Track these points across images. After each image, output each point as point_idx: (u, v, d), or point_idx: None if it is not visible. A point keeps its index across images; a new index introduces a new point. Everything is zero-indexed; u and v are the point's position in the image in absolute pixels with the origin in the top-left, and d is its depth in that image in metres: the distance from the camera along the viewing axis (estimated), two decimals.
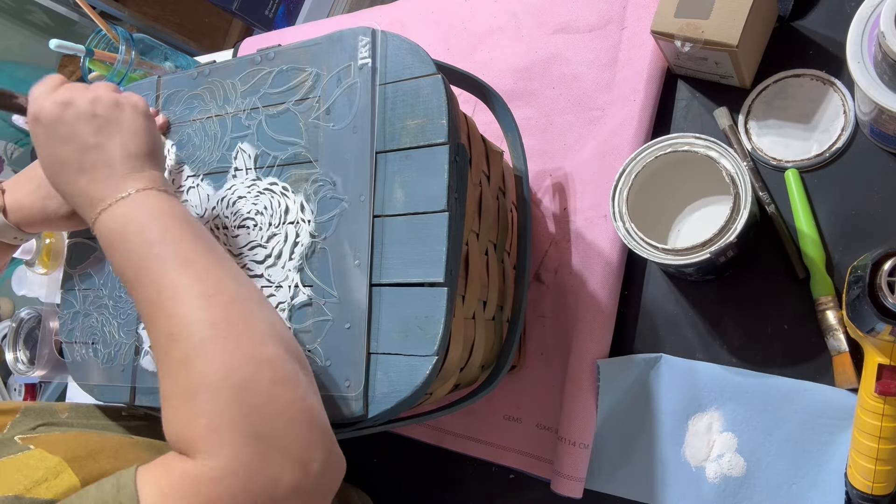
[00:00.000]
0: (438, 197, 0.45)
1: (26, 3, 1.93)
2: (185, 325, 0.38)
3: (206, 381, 0.37)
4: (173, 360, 0.38)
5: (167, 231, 0.42)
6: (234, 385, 0.36)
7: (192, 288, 0.40)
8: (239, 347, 0.38)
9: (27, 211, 0.55)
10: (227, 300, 0.40)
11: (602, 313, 0.60)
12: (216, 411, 0.36)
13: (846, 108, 0.55)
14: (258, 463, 0.35)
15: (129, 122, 0.47)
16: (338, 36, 0.51)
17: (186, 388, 0.37)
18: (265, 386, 0.37)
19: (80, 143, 0.45)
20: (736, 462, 0.55)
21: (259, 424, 0.36)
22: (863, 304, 0.44)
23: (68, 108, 0.46)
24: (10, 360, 0.99)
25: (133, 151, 0.46)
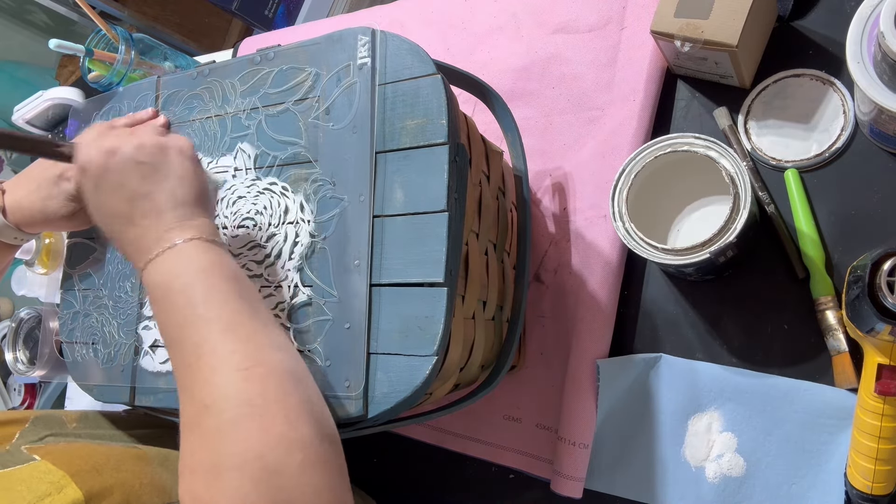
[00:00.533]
0: (438, 197, 0.45)
1: (26, 3, 1.93)
2: (220, 397, 0.37)
3: (235, 461, 0.35)
4: (205, 430, 0.37)
5: (212, 290, 0.41)
6: (263, 467, 0.35)
7: (231, 357, 0.39)
8: (272, 427, 0.37)
9: (27, 211, 0.54)
10: (266, 373, 0.39)
11: (602, 313, 0.60)
12: (242, 493, 0.35)
13: (846, 108, 0.55)
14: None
15: (175, 167, 0.46)
16: (337, 36, 0.51)
17: (213, 463, 0.36)
18: (294, 469, 0.36)
19: (128, 193, 0.45)
20: (736, 462, 0.55)
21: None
22: (862, 304, 0.44)
23: (114, 157, 0.45)
24: (9, 360, 0.99)
25: (181, 198, 0.45)
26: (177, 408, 0.53)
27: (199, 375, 0.39)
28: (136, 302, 0.57)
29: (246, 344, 0.40)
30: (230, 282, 0.42)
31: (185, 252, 0.43)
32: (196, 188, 0.46)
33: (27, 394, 1.09)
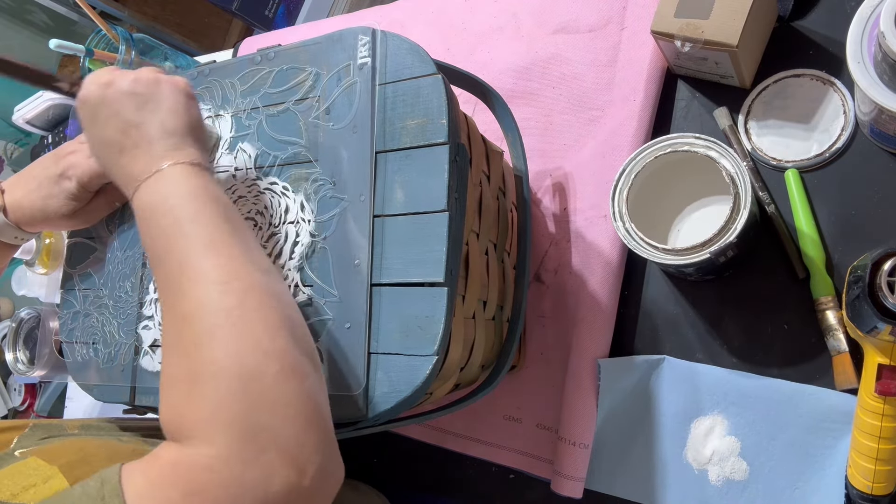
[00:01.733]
0: (438, 197, 0.45)
1: (26, 3, 1.93)
2: (199, 308, 0.38)
3: (213, 367, 0.36)
4: (183, 341, 0.38)
5: (197, 211, 0.42)
6: (238, 375, 0.36)
7: (211, 271, 0.39)
8: (248, 337, 0.37)
9: (27, 210, 0.55)
10: (245, 287, 0.39)
11: (602, 313, 0.60)
12: (218, 398, 0.35)
13: (846, 108, 0.55)
14: (253, 456, 0.34)
15: (168, 99, 0.47)
16: (337, 35, 0.51)
17: (191, 372, 0.37)
18: (271, 378, 0.36)
19: (122, 122, 0.46)
20: (739, 466, 0.55)
21: (258, 417, 0.35)
22: (863, 304, 0.44)
23: (109, 88, 0.47)
24: (10, 360, 0.99)
25: (171, 128, 0.46)
26: None
27: (180, 290, 0.39)
28: (136, 301, 0.57)
29: (227, 260, 0.40)
30: (215, 204, 0.43)
31: (172, 176, 0.44)
32: (187, 120, 0.48)
33: (27, 394, 1.09)
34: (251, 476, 0.33)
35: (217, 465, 0.33)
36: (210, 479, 0.33)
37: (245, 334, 0.37)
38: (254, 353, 0.37)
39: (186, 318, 0.38)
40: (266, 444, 0.34)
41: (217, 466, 0.33)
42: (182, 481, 0.33)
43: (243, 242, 0.42)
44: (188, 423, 0.35)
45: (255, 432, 0.35)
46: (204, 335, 0.37)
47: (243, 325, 0.37)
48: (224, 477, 0.33)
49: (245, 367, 0.36)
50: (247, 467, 0.34)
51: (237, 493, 0.33)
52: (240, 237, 0.43)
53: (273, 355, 0.37)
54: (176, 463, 0.34)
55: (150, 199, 0.43)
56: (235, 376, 0.36)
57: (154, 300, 0.56)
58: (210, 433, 0.34)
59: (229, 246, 0.41)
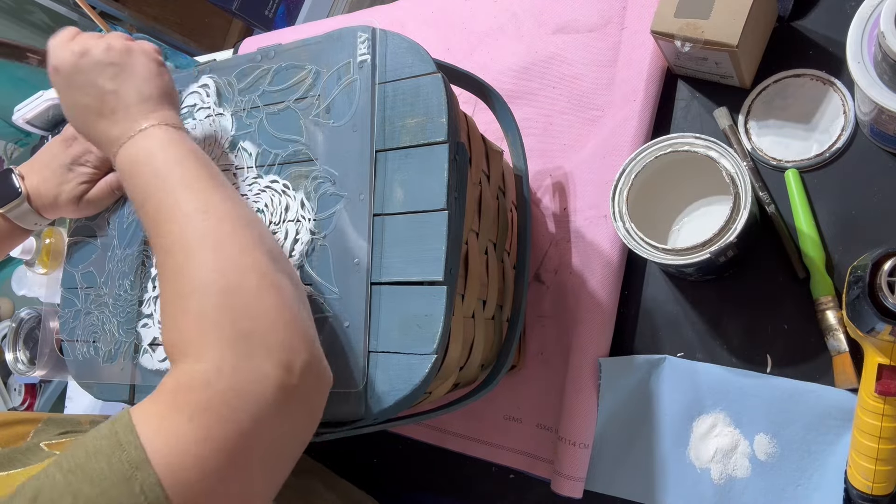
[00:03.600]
0: (438, 196, 0.45)
1: (26, 3, 1.93)
2: (179, 237, 0.41)
3: (195, 285, 0.38)
4: (168, 271, 0.41)
5: (175, 158, 0.45)
6: (220, 289, 0.38)
7: (188, 204, 0.42)
8: (227, 255, 0.40)
9: (45, 198, 0.57)
10: (220, 216, 0.42)
11: (602, 313, 0.60)
12: (202, 314, 0.37)
13: (846, 108, 0.55)
14: (242, 362, 0.36)
15: (141, 67, 0.50)
16: (337, 34, 0.51)
17: (178, 294, 0.39)
18: (251, 290, 0.38)
19: (98, 90, 0.48)
20: (741, 463, 0.55)
21: (242, 325, 0.37)
22: (863, 304, 0.44)
23: (84, 58, 0.49)
24: (10, 360, 0.99)
25: (147, 94, 0.49)
26: None
27: (162, 225, 0.42)
28: (136, 300, 0.57)
29: (204, 194, 0.43)
30: (192, 153, 0.46)
31: (150, 134, 0.47)
32: (159, 86, 0.50)
33: (27, 394, 1.09)
34: (244, 382, 0.35)
35: (212, 379, 0.35)
36: (209, 394, 0.35)
37: (223, 253, 0.40)
38: (233, 269, 0.39)
39: (169, 249, 0.41)
40: (253, 350, 0.36)
41: (212, 380, 0.35)
42: (185, 404, 0.34)
43: (218, 181, 0.45)
44: (180, 342, 0.38)
45: (241, 340, 0.37)
46: (185, 259, 0.40)
47: (221, 246, 0.40)
48: (221, 388, 0.35)
49: (225, 281, 0.38)
50: (239, 375, 0.35)
51: (237, 401, 0.35)
52: (214, 179, 0.45)
53: (251, 269, 0.39)
54: (176, 388, 0.36)
55: (131, 156, 0.46)
56: (217, 291, 0.38)
57: (153, 298, 0.56)
58: (200, 348, 0.36)
59: (204, 181, 0.44)
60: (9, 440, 0.49)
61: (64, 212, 0.59)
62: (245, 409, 0.35)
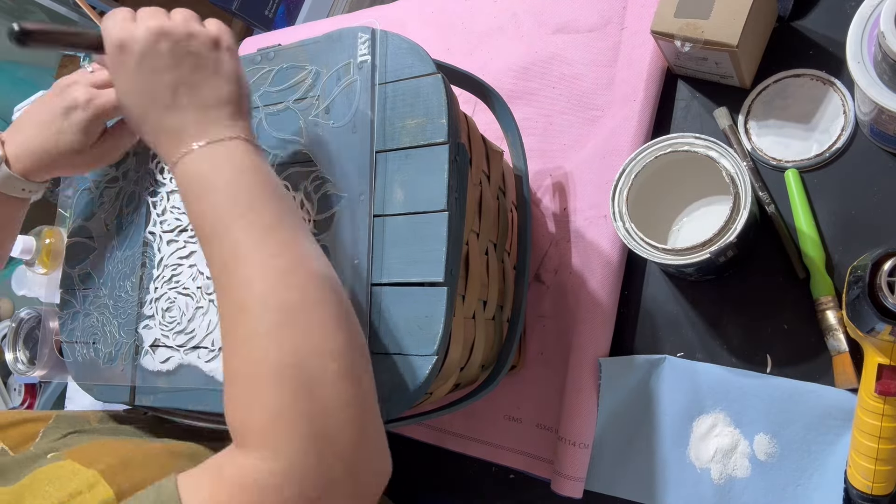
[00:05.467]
0: (438, 196, 0.45)
1: (26, 3, 1.93)
2: (257, 301, 0.37)
3: (271, 370, 0.35)
4: (239, 334, 0.37)
5: (253, 191, 0.40)
6: (298, 376, 0.35)
7: (271, 260, 0.38)
8: (310, 336, 0.36)
9: (36, 154, 0.51)
10: (304, 280, 0.38)
11: (602, 313, 0.60)
12: (278, 403, 0.35)
13: (846, 108, 0.55)
14: (317, 466, 0.34)
15: (226, 65, 0.44)
16: (337, 35, 0.51)
17: (250, 372, 0.36)
18: (330, 380, 0.36)
19: (175, 79, 0.42)
20: (741, 463, 0.55)
21: (321, 422, 0.35)
22: (863, 304, 0.44)
23: (163, 40, 0.43)
24: (10, 360, 0.99)
25: (227, 97, 0.44)
26: (177, 408, 0.53)
27: (237, 276, 0.38)
28: (137, 301, 0.56)
29: (286, 247, 0.39)
30: (271, 185, 0.41)
31: (228, 149, 0.42)
32: (242, 90, 0.45)
33: (27, 394, 1.09)
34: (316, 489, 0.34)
35: (284, 484, 0.33)
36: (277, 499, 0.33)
37: (307, 333, 0.36)
38: (314, 355, 0.36)
39: (245, 309, 0.37)
40: (327, 454, 0.34)
41: (284, 485, 0.33)
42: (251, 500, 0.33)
43: (299, 227, 0.41)
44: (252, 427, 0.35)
45: (317, 440, 0.34)
46: (263, 331, 0.36)
47: (303, 323, 0.37)
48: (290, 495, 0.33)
49: (307, 369, 0.35)
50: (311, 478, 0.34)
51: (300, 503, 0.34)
52: (295, 221, 0.41)
53: (331, 356, 0.36)
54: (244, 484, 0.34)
55: (202, 170, 0.41)
56: (294, 378, 0.35)
57: (154, 300, 0.56)
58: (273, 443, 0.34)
59: (288, 231, 0.40)
60: (19, 441, 0.48)
61: (63, 168, 0.52)
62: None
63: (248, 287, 0.37)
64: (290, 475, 0.34)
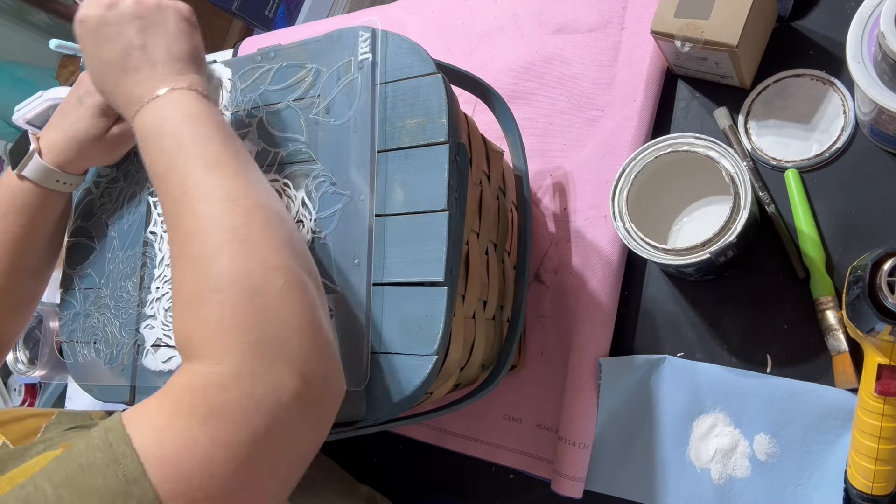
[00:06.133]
0: (439, 196, 0.45)
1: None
2: (206, 225, 0.38)
3: (219, 283, 0.36)
4: (189, 257, 0.38)
5: (200, 131, 0.42)
6: (245, 289, 0.36)
7: (217, 189, 0.40)
8: (255, 253, 0.38)
9: (62, 146, 0.54)
10: (251, 206, 0.40)
11: (602, 313, 0.60)
12: (225, 314, 0.36)
13: (846, 108, 0.55)
14: (263, 369, 0.35)
15: (172, 24, 0.48)
16: (337, 34, 0.51)
17: (198, 289, 0.37)
18: (276, 292, 0.37)
19: (124, 43, 0.46)
20: (741, 463, 0.55)
21: (266, 330, 0.36)
22: (863, 304, 0.44)
23: (112, 9, 0.47)
24: (10, 360, 0.99)
25: (176, 53, 0.47)
26: None
27: (185, 206, 0.40)
28: (138, 301, 0.56)
29: (232, 179, 0.41)
30: (218, 127, 0.44)
31: (175, 99, 0.44)
32: (190, 46, 0.48)
33: (27, 394, 1.09)
34: (262, 389, 0.34)
35: (230, 383, 0.34)
36: (225, 398, 0.34)
37: (251, 251, 0.38)
38: (259, 269, 0.37)
39: (192, 234, 0.39)
40: (273, 357, 0.35)
41: (230, 384, 0.34)
42: (198, 405, 0.33)
43: (246, 163, 0.43)
44: (197, 340, 0.36)
45: (262, 345, 0.35)
46: (210, 251, 0.38)
47: (249, 242, 0.38)
48: (237, 393, 0.34)
49: (251, 282, 0.36)
50: (257, 381, 0.34)
51: (251, 407, 0.34)
52: (242, 158, 0.43)
53: (277, 270, 0.38)
54: (190, 387, 0.34)
55: (153, 119, 0.44)
56: (241, 291, 0.36)
57: (156, 299, 0.56)
58: (219, 350, 0.35)
59: (233, 165, 0.42)
60: (20, 436, 0.48)
61: (89, 156, 0.55)
62: (259, 416, 0.34)
63: (195, 214, 0.39)
64: (235, 375, 0.34)
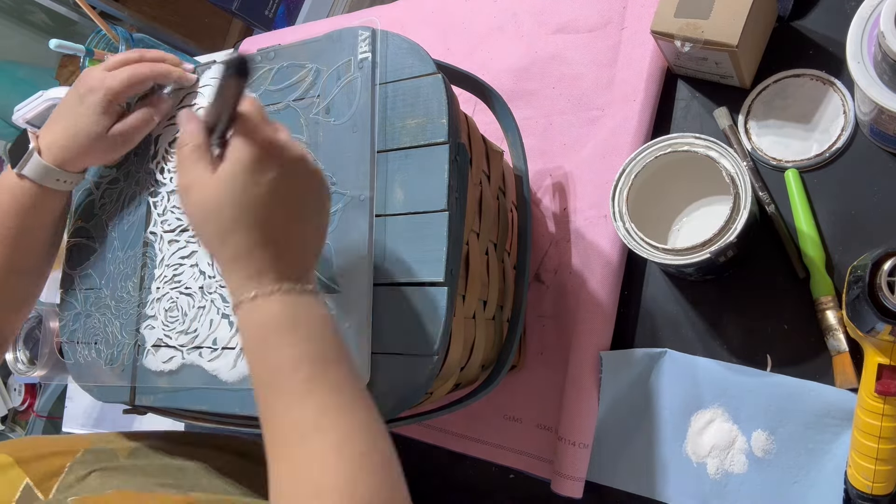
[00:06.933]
0: (439, 196, 0.45)
1: (26, 3, 1.93)
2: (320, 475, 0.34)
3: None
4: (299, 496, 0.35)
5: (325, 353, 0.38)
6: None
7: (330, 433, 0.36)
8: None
9: (62, 144, 0.52)
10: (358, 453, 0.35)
11: (602, 313, 0.60)
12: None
13: (846, 108, 0.55)
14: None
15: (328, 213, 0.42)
16: (337, 35, 0.51)
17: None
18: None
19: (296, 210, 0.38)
20: (738, 459, 0.55)
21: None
22: (863, 304, 0.44)
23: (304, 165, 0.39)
24: (10, 360, 0.99)
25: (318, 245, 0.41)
26: (177, 408, 0.53)
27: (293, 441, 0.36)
28: (138, 301, 0.56)
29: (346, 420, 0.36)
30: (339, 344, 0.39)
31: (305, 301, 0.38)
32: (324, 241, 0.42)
33: (27, 394, 1.09)
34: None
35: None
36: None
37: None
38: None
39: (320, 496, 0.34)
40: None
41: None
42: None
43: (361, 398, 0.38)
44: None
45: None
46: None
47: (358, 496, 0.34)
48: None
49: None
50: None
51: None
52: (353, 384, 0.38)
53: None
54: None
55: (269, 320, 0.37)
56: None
57: (156, 300, 0.55)
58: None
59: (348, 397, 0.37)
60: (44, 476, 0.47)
61: (90, 155, 0.53)
62: None
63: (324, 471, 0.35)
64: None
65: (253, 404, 0.38)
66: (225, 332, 0.51)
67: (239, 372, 0.50)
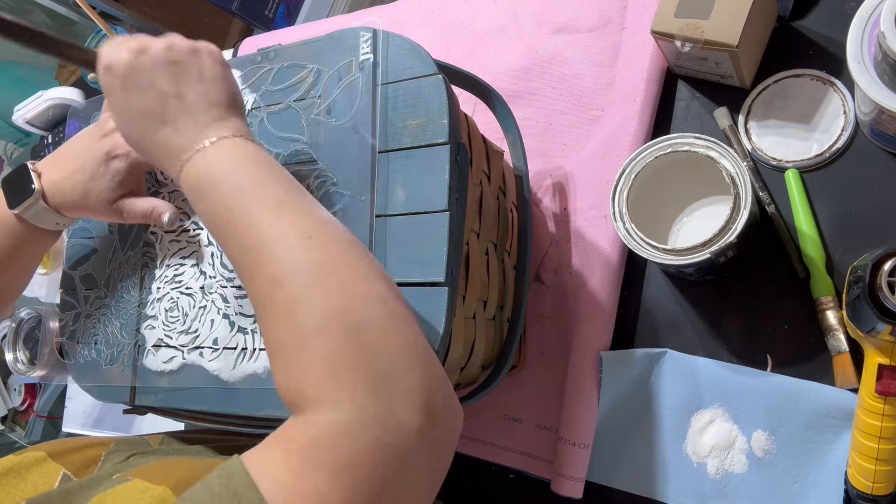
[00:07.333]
0: (439, 197, 0.45)
1: (26, 3, 1.93)
2: (288, 268, 0.36)
3: (317, 325, 0.34)
4: (277, 304, 0.36)
5: (258, 176, 0.40)
6: (347, 325, 0.34)
7: (291, 228, 0.38)
8: (346, 287, 0.35)
9: (68, 195, 0.51)
10: (327, 241, 0.37)
11: (602, 313, 0.60)
12: (331, 356, 0.33)
13: (846, 108, 0.55)
14: (385, 409, 0.32)
15: (208, 69, 0.45)
16: (338, 35, 0.51)
17: (295, 335, 0.35)
18: (380, 323, 0.34)
19: (160, 92, 0.43)
20: (738, 459, 0.55)
21: (378, 367, 0.33)
22: (863, 304, 0.44)
23: (143, 55, 0.43)
24: (10, 360, 0.99)
25: (215, 100, 0.44)
26: (177, 408, 0.53)
27: (260, 253, 0.37)
28: (138, 301, 0.56)
29: (304, 216, 0.38)
30: (275, 169, 0.41)
31: (224, 147, 0.42)
32: (228, 91, 0.45)
33: (27, 394, 1.09)
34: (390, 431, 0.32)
35: (355, 430, 0.32)
36: (354, 447, 0.31)
37: (341, 285, 0.35)
38: (356, 302, 0.35)
39: (276, 281, 0.36)
40: (392, 395, 0.33)
41: (355, 431, 0.32)
42: (326, 458, 0.31)
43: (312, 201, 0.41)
44: (307, 390, 0.33)
45: (379, 384, 0.33)
46: (299, 294, 0.35)
47: (337, 277, 0.36)
48: (365, 441, 0.31)
49: (350, 318, 0.34)
50: (383, 423, 0.32)
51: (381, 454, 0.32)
52: (303, 194, 0.41)
53: (375, 302, 0.35)
54: (312, 442, 0.32)
55: (205, 171, 0.41)
56: (343, 330, 0.34)
57: (157, 300, 0.56)
58: (334, 395, 0.32)
59: (298, 203, 0.40)
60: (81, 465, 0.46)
61: (91, 212, 0.53)
62: (390, 463, 0.32)
63: (273, 258, 0.37)
64: (358, 421, 0.32)
65: (254, 405, 0.38)
66: (226, 332, 0.51)
67: (240, 372, 0.50)
